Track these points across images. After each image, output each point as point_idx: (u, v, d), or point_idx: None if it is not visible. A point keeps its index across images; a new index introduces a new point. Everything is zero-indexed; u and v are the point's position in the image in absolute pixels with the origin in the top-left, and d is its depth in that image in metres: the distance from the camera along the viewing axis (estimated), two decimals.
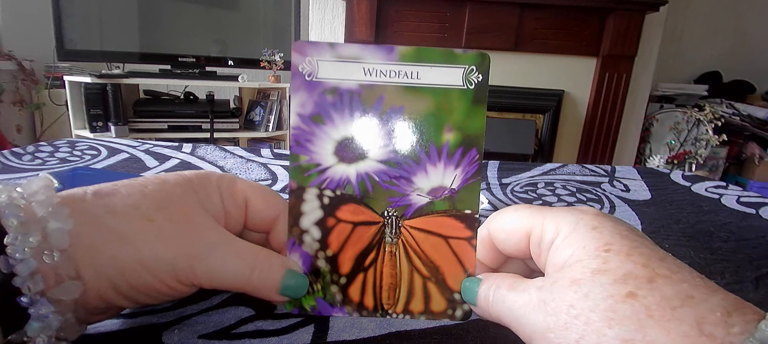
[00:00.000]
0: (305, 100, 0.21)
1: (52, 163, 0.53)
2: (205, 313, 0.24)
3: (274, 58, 1.98)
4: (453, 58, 0.21)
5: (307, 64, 0.21)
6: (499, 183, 0.56)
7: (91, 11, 1.83)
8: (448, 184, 0.22)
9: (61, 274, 0.17)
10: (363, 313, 0.23)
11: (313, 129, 0.21)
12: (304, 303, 0.23)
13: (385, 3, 1.81)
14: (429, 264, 0.22)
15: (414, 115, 0.21)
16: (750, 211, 0.49)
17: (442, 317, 0.23)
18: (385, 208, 0.22)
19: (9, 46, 2.09)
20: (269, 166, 0.58)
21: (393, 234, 0.22)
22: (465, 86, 0.21)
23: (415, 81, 0.21)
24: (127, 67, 2.01)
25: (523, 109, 1.98)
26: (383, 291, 0.23)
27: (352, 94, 0.21)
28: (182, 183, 0.21)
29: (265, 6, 2.09)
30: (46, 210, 0.17)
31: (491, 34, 1.84)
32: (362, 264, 0.23)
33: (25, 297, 0.16)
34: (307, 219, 0.22)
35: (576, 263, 0.17)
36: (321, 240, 0.22)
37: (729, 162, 2.27)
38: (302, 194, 0.22)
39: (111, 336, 0.22)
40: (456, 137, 0.21)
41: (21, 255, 0.16)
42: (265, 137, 2.09)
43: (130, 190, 0.20)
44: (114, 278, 0.18)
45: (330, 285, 0.23)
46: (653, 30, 1.93)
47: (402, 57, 0.21)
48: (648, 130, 2.21)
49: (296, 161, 0.22)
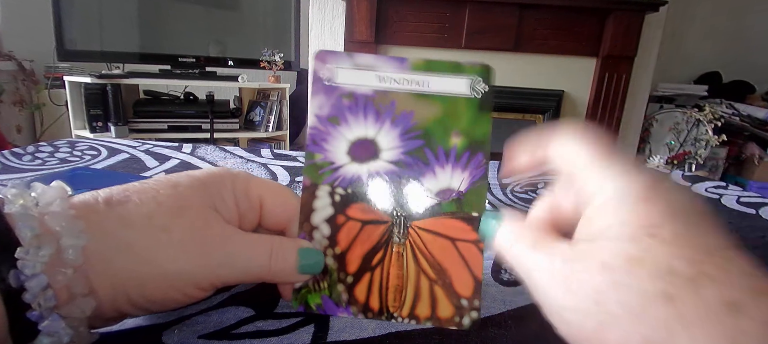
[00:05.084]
0: (323, 103, 0.23)
1: (52, 163, 0.53)
2: (205, 313, 0.24)
3: (274, 58, 1.98)
4: (460, 70, 0.22)
5: (327, 71, 0.22)
6: (499, 184, 0.56)
7: (91, 11, 1.83)
8: (456, 187, 0.22)
9: (73, 291, 0.16)
10: (368, 315, 0.23)
11: (329, 129, 0.23)
12: (310, 301, 0.23)
13: (385, 3, 1.81)
14: (436, 266, 0.22)
15: (423, 119, 0.22)
16: (750, 211, 0.49)
17: (449, 324, 0.22)
18: (394, 208, 0.23)
19: (9, 46, 2.09)
20: (269, 166, 0.58)
21: (401, 234, 0.23)
22: (471, 95, 0.22)
23: (425, 89, 0.22)
24: (127, 68, 2.00)
25: (523, 110, 1.98)
26: (389, 292, 0.23)
27: (367, 98, 0.22)
28: (196, 186, 0.21)
29: (265, 6, 2.09)
30: (60, 225, 0.16)
31: (491, 34, 1.84)
32: (369, 264, 0.23)
33: (36, 312, 0.16)
34: (318, 215, 0.23)
35: (612, 241, 0.15)
36: (330, 238, 0.23)
37: (729, 162, 2.28)
38: (315, 191, 0.23)
39: (111, 336, 0.22)
40: (463, 142, 0.22)
41: (31, 270, 0.15)
42: (265, 137, 2.09)
43: (143, 197, 0.19)
44: (130, 291, 0.18)
45: (337, 283, 0.23)
46: (653, 30, 1.93)
47: (413, 67, 0.22)
48: (648, 130, 2.21)
49: (311, 159, 0.23)
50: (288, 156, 0.63)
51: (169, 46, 1.98)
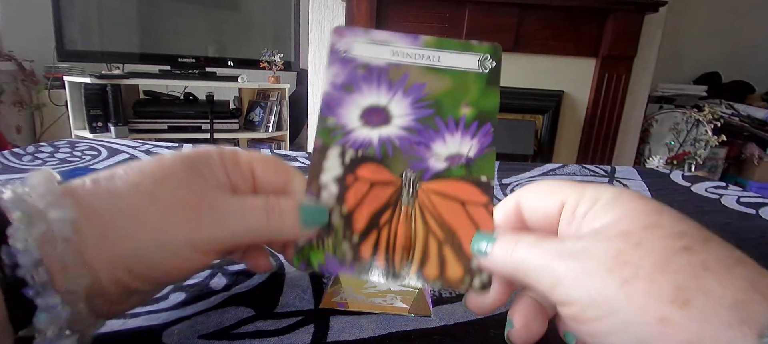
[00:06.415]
0: (338, 72, 0.23)
1: (52, 163, 0.53)
2: (205, 313, 0.24)
3: (274, 58, 1.98)
4: (470, 48, 0.23)
5: (344, 43, 0.23)
6: (499, 184, 0.56)
7: (91, 12, 1.83)
8: (465, 152, 0.23)
9: (67, 264, 0.17)
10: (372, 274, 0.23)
11: (343, 95, 0.23)
12: (312, 258, 0.23)
13: (385, 3, 1.81)
14: (445, 227, 0.23)
15: (434, 91, 0.23)
16: (750, 211, 0.50)
17: (458, 285, 0.22)
18: (404, 170, 0.23)
19: (9, 46, 2.09)
20: None
21: (410, 195, 0.23)
22: (480, 70, 0.23)
23: (437, 63, 0.23)
24: (126, 68, 2.00)
25: (523, 110, 1.98)
26: (396, 252, 0.23)
27: (381, 70, 0.23)
28: (180, 158, 0.21)
29: (265, 6, 2.09)
30: (46, 201, 0.17)
31: (491, 34, 1.84)
32: (377, 223, 0.23)
33: (31, 288, 0.16)
34: (327, 175, 0.23)
35: (622, 219, 0.17)
36: (338, 196, 0.23)
37: (728, 162, 2.28)
38: (326, 151, 0.23)
39: (111, 336, 0.22)
40: (472, 112, 0.23)
41: (23, 245, 0.16)
42: (265, 138, 2.09)
43: (128, 171, 0.20)
44: (128, 260, 0.18)
45: (342, 241, 0.23)
46: (653, 30, 1.93)
47: (426, 44, 0.23)
48: (647, 130, 2.21)
49: (324, 122, 0.23)
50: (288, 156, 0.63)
51: (169, 47, 1.98)
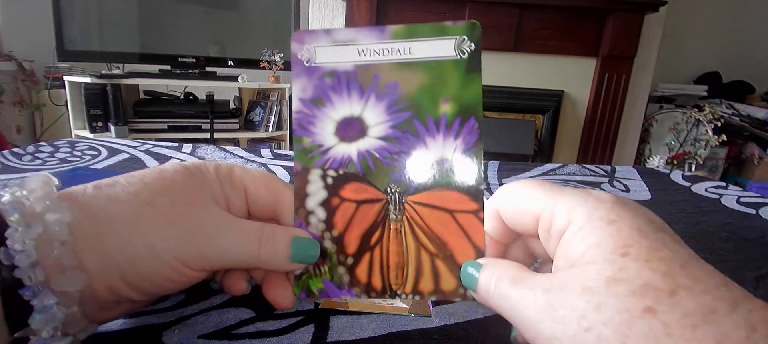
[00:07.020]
0: (306, 85, 0.22)
1: (52, 163, 0.53)
2: (205, 313, 0.24)
3: (274, 58, 1.97)
4: (443, 31, 0.21)
5: (306, 51, 0.22)
6: (499, 184, 0.56)
7: (91, 11, 1.83)
8: (449, 156, 0.22)
9: (63, 266, 0.17)
10: (372, 295, 0.22)
11: (315, 111, 0.22)
12: (311, 285, 0.23)
13: (385, 3, 1.81)
14: (435, 240, 0.22)
15: (409, 89, 0.22)
16: (750, 211, 0.49)
17: (453, 296, 0.22)
18: (388, 185, 0.22)
19: (9, 46, 2.09)
20: (269, 166, 0.58)
21: (397, 210, 0.22)
22: (458, 56, 0.21)
23: (408, 56, 0.21)
24: (127, 68, 2.00)
25: (523, 110, 1.98)
26: (391, 270, 0.22)
27: (349, 75, 0.22)
28: (181, 171, 0.21)
29: (265, 6, 2.09)
30: (43, 205, 0.17)
31: (491, 34, 1.84)
32: (368, 244, 0.22)
33: (28, 289, 0.16)
34: (312, 200, 0.22)
35: (589, 265, 0.16)
36: (326, 221, 0.22)
37: (728, 162, 2.27)
38: (307, 175, 0.22)
39: (111, 336, 0.22)
40: (453, 108, 0.21)
41: (21, 246, 0.16)
42: (265, 137, 2.09)
43: (130, 180, 0.20)
44: (122, 266, 0.18)
45: (337, 266, 0.22)
46: (653, 30, 1.93)
47: (393, 35, 0.21)
48: (647, 130, 2.21)
49: (300, 143, 0.22)
50: (288, 156, 0.63)
51: (169, 46, 1.98)
